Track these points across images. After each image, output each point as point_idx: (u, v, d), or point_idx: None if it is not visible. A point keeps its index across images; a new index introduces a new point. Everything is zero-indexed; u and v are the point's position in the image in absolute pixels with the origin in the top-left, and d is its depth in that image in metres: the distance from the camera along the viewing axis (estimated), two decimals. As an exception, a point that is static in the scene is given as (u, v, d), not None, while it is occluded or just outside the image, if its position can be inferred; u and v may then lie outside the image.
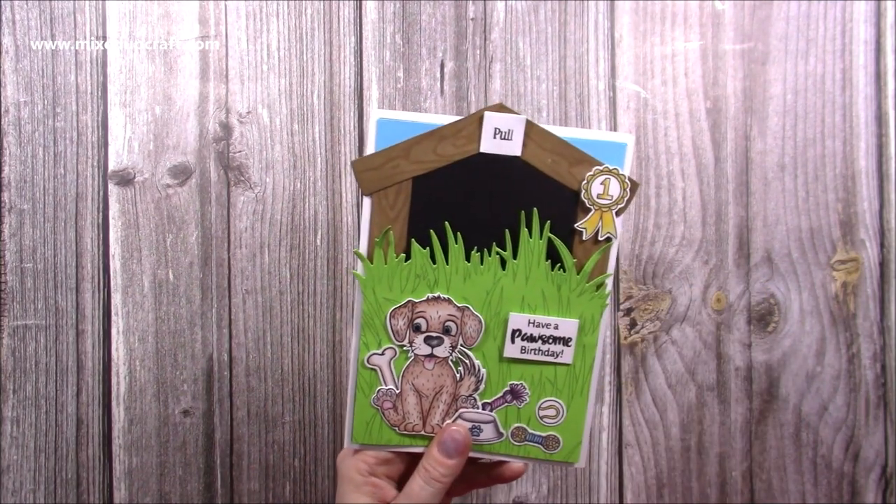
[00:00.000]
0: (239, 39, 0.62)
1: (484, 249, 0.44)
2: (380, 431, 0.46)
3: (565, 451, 0.47)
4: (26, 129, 0.62)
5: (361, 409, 0.46)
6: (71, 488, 0.61)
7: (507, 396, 0.46)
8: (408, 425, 0.46)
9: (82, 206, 0.62)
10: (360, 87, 0.62)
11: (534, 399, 0.46)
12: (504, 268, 0.44)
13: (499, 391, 0.46)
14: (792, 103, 0.63)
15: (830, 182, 0.63)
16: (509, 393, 0.46)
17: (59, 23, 0.62)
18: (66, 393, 0.61)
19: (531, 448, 0.47)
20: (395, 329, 0.45)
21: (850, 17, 0.63)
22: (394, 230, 0.44)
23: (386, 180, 0.43)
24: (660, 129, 0.63)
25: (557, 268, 0.44)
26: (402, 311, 0.45)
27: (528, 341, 0.45)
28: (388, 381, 0.46)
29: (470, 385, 0.46)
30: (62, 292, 0.61)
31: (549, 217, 0.43)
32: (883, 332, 0.62)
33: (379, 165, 0.43)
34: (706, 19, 0.63)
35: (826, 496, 0.62)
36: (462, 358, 0.46)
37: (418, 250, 0.44)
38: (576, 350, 0.46)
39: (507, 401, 0.46)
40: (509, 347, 0.45)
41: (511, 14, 0.62)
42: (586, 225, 0.44)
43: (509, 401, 0.46)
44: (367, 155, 0.43)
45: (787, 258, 0.63)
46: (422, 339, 0.45)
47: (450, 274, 0.45)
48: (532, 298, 0.45)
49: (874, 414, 0.62)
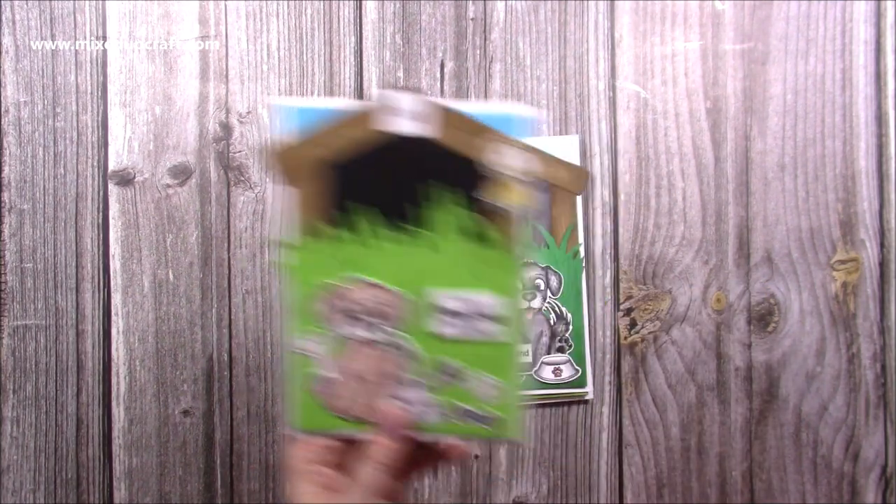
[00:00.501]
0: (239, 39, 0.62)
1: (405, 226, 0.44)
2: (322, 417, 0.46)
3: (504, 426, 0.46)
4: (26, 129, 0.62)
5: (302, 396, 0.46)
6: (71, 488, 0.61)
7: (443, 376, 0.46)
8: (349, 410, 0.46)
9: (82, 206, 0.62)
10: (360, 88, 0.62)
11: (471, 377, 0.46)
12: (430, 249, 0.44)
13: (434, 371, 0.46)
14: (792, 103, 0.63)
15: (830, 182, 0.63)
16: (445, 372, 0.46)
17: (59, 23, 0.62)
18: (66, 393, 0.61)
19: (472, 426, 0.46)
20: (327, 314, 0.45)
21: (850, 17, 0.63)
22: (317, 214, 0.44)
23: (306, 169, 0.43)
24: (660, 129, 0.63)
25: (480, 243, 0.44)
26: (332, 296, 0.45)
27: (457, 317, 0.45)
28: (323, 367, 0.46)
29: (405, 366, 0.46)
30: (62, 292, 0.61)
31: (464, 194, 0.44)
32: (883, 332, 0.62)
33: (297, 155, 0.43)
34: (706, 19, 0.63)
35: (826, 496, 0.62)
36: (397, 340, 0.46)
37: (346, 236, 0.44)
38: (505, 324, 0.45)
39: (444, 380, 0.46)
40: (440, 326, 0.45)
41: (511, 14, 0.62)
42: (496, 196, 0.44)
43: (446, 380, 0.46)
44: (285, 146, 0.43)
45: (787, 258, 0.63)
46: (356, 324, 0.45)
47: (379, 258, 0.45)
48: (460, 276, 0.45)
49: (874, 414, 0.62)
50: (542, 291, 0.60)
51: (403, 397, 0.46)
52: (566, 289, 0.60)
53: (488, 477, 0.62)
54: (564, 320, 0.60)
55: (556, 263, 0.60)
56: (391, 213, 0.44)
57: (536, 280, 0.59)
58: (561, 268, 0.60)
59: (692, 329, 0.62)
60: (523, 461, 0.62)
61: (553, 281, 0.60)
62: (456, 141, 0.43)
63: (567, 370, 0.60)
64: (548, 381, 0.60)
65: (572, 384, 0.60)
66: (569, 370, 0.60)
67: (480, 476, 0.62)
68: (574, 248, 0.60)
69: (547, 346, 0.60)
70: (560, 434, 0.63)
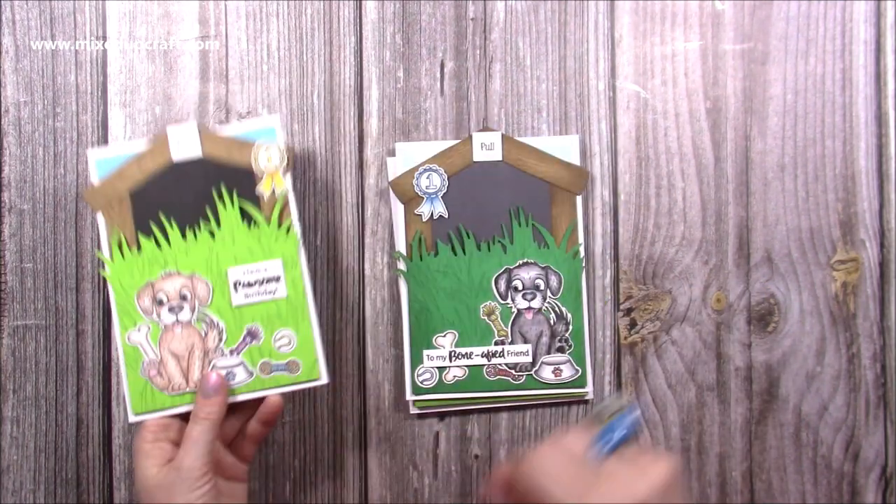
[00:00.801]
0: (239, 39, 0.62)
1: (195, 227, 0.56)
2: (153, 398, 0.55)
3: (306, 371, 0.56)
4: (26, 129, 0.62)
5: (133, 382, 0.56)
6: (71, 488, 0.61)
7: (247, 339, 0.56)
8: (173, 386, 0.55)
9: (82, 206, 0.62)
10: (360, 87, 0.62)
11: (268, 334, 0.56)
12: (213, 237, 0.56)
13: (239, 336, 0.56)
14: (792, 103, 0.63)
15: (830, 182, 0.63)
16: (248, 335, 0.56)
17: (59, 23, 0.62)
18: (66, 393, 0.61)
19: (279, 377, 0.56)
20: (143, 308, 0.56)
21: (850, 17, 0.63)
22: (124, 232, 0.56)
23: (110, 198, 0.56)
24: (660, 129, 0.63)
25: (253, 224, 0.56)
26: (145, 292, 0.56)
27: (248, 287, 0.56)
28: (148, 353, 0.56)
29: (214, 338, 0.56)
30: (62, 292, 0.61)
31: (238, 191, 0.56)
32: (883, 332, 0.62)
33: (101, 190, 0.56)
34: (706, 19, 0.63)
35: (826, 496, 0.62)
36: (202, 317, 0.56)
37: (144, 241, 0.56)
38: (287, 284, 0.56)
39: (248, 342, 0.56)
40: (235, 297, 0.56)
41: (511, 14, 0.62)
42: (264, 188, 0.56)
43: (249, 342, 0.56)
44: (93, 186, 0.56)
45: (787, 258, 0.63)
46: (165, 309, 0.55)
47: (183, 255, 0.56)
48: (241, 254, 0.56)
49: (874, 414, 0.62)
50: (542, 291, 0.59)
51: (217, 364, 0.56)
52: (566, 289, 0.60)
53: (488, 477, 0.62)
54: (564, 320, 0.60)
55: (556, 263, 0.60)
56: (182, 215, 0.56)
57: (536, 280, 0.59)
58: (561, 268, 0.60)
59: (692, 329, 0.62)
60: (523, 461, 0.62)
61: (553, 281, 0.60)
62: (220, 155, 0.56)
63: (567, 370, 0.60)
64: (548, 382, 0.59)
65: (572, 384, 0.60)
66: (569, 370, 0.60)
67: (480, 476, 0.62)
68: (574, 247, 0.60)
69: (547, 346, 0.60)
70: (560, 434, 0.63)
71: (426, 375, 0.59)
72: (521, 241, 0.59)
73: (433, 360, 0.59)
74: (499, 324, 0.59)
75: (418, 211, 0.59)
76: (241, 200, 0.56)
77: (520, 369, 0.59)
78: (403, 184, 0.60)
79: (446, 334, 0.59)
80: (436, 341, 0.59)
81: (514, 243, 0.59)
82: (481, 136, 0.60)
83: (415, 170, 0.59)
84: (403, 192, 0.60)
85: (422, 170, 0.59)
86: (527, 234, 0.59)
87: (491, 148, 0.59)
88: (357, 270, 0.62)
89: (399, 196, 0.60)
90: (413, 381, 0.59)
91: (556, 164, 0.60)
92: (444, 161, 0.60)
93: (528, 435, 0.62)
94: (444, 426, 0.62)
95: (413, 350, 0.59)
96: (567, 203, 0.60)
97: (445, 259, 0.59)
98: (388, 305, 0.62)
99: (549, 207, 0.60)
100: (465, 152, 0.60)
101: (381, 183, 0.62)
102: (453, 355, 0.59)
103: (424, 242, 0.59)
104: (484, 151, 0.59)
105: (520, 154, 0.60)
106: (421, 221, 0.59)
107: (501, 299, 0.59)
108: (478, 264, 0.59)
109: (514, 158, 0.60)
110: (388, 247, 0.62)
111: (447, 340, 0.59)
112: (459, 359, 0.59)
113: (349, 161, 0.62)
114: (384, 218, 0.62)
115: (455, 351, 0.59)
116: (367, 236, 0.62)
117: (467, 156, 0.60)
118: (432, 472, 0.62)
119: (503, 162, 0.60)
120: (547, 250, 0.60)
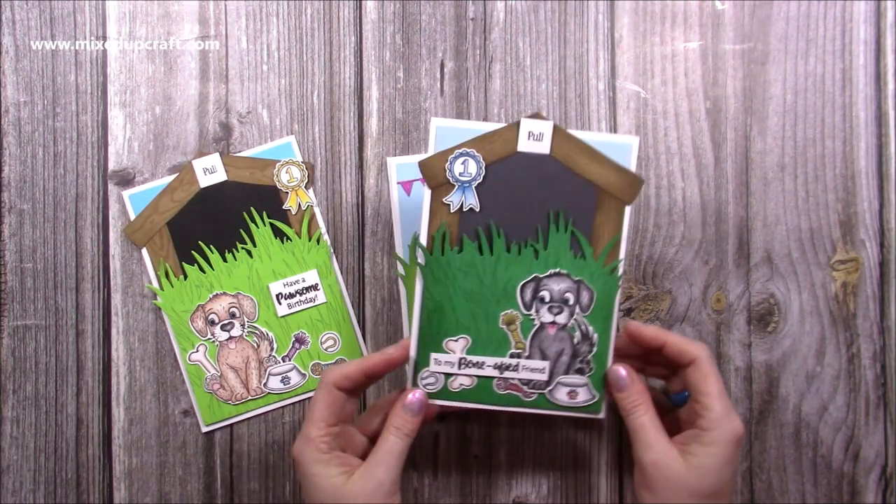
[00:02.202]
0: (239, 39, 0.62)
1: (233, 249, 0.61)
2: (220, 409, 0.61)
3: None
4: (26, 129, 0.62)
5: (200, 397, 0.61)
6: (71, 488, 0.61)
7: (296, 345, 0.61)
8: (235, 397, 0.61)
9: (82, 206, 0.62)
10: (360, 87, 0.62)
11: (314, 338, 0.61)
12: (251, 255, 0.61)
13: (288, 344, 0.61)
14: (792, 103, 0.63)
15: (830, 182, 0.63)
16: (296, 341, 0.61)
17: (59, 23, 0.62)
18: (66, 393, 0.61)
19: None
20: (198, 329, 0.61)
21: (850, 17, 0.63)
22: (168, 262, 0.61)
23: (150, 232, 0.61)
24: (660, 129, 0.63)
25: (285, 239, 0.61)
26: (197, 314, 0.61)
27: (290, 298, 0.61)
28: (209, 369, 0.61)
29: (266, 348, 0.61)
30: (62, 292, 0.61)
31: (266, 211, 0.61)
32: (883, 332, 0.62)
33: (140, 225, 0.61)
34: (706, 19, 0.63)
35: (826, 496, 0.62)
36: (252, 331, 0.61)
37: (188, 268, 0.61)
38: (324, 290, 0.61)
39: (297, 348, 0.61)
40: (279, 308, 0.61)
41: (511, 14, 0.62)
42: (290, 204, 0.61)
43: (299, 348, 0.61)
44: (131, 223, 0.61)
45: (787, 258, 0.63)
46: (218, 328, 0.61)
47: (218, 275, 0.61)
48: (279, 268, 0.61)
49: (874, 414, 0.62)
50: (571, 307, 0.53)
51: (272, 371, 0.61)
52: (597, 307, 0.53)
53: (488, 477, 0.62)
54: (589, 341, 0.53)
55: (590, 278, 0.53)
56: (220, 241, 0.61)
57: (566, 293, 0.53)
58: (595, 283, 0.53)
59: (692, 329, 0.62)
60: (523, 461, 0.62)
61: (584, 297, 0.53)
62: (245, 177, 0.61)
63: (583, 394, 0.54)
64: (561, 403, 0.53)
65: (586, 409, 0.54)
66: (585, 394, 0.54)
67: (480, 476, 0.62)
68: (613, 263, 0.53)
69: (566, 366, 0.53)
70: (560, 434, 0.63)
71: (430, 380, 0.53)
72: (557, 247, 0.53)
73: (441, 364, 0.53)
74: (518, 335, 0.53)
75: (447, 199, 0.52)
76: (271, 219, 0.61)
77: (532, 386, 0.53)
78: (434, 166, 0.52)
79: (458, 339, 0.53)
80: (446, 345, 0.53)
81: (547, 249, 0.53)
82: (530, 124, 0.52)
83: (449, 152, 0.52)
84: (433, 176, 0.52)
85: (458, 153, 0.52)
86: (564, 240, 0.53)
87: (539, 139, 0.52)
88: (357, 270, 0.62)
89: (428, 179, 0.52)
90: (415, 384, 0.53)
91: (609, 166, 0.53)
92: (483, 147, 0.52)
93: (528, 435, 0.62)
94: (444, 426, 0.62)
95: (420, 351, 0.53)
96: (614, 212, 0.53)
97: (469, 257, 0.53)
98: (388, 305, 0.62)
99: (593, 214, 0.53)
100: (508, 139, 0.52)
101: (381, 183, 0.62)
102: (463, 362, 0.53)
103: (449, 235, 0.52)
104: (531, 142, 0.52)
105: (570, 150, 0.52)
106: (448, 212, 0.52)
107: (525, 309, 0.53)
108: (504, 268, 0.52)
109: (563, 154, 0.52)
110: (387, 247, 0.62)
111: (458, 346, 0.53)
112: (469, 367, 0.53)
113: (349, 161, 0.62)
114: (384, 218, 0.62)
115: (465, 358, 0.53)
116: (367, 236, 0.62)
117: (511, 144, 0.52)
118: (432, 472, 0.62)
119: (550, 156, 0.52)
120: (583, 262, 0.53)
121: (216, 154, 0.61)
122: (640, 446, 0.49)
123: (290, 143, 0.61)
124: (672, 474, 0.47)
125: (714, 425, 0.48)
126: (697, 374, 0.50)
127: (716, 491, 0.47)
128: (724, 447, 0.48)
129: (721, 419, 0.48)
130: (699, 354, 0.50)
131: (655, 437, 0.49)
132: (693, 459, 0.48)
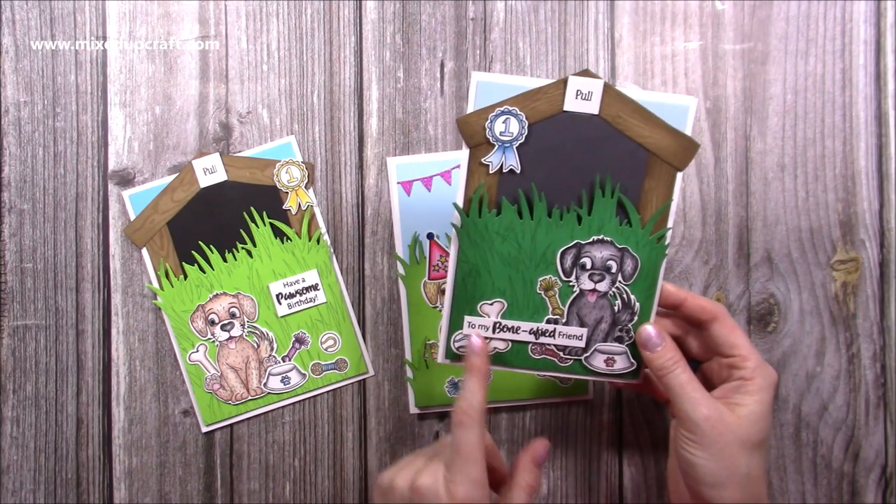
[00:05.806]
0: (239, 39, 0.62)
1: (233, 249, 0.61)
2: (220, 409, 0.61)
3: (353, 367, 0.62)
4: (26, 129, 0.62)
5: (200, 397, 0.61)
6: (71, 488, 0.61)
7: (296, 345, 0.61)
8: (235, 396, 0.61)
9: (82, 206, 0.62)
10: (360, 87, 0.62)
11: (314, 338, 0.62)
12: (251, 255, 0.61)
13: (288, 344, 0.61)
14: (792, 103, 0.63)
15: (830, 182, 0.63)
16: (296, 341, 0.61)
17: (59, 23, 0.62)
18: (66, 393, 0.61)
19: (329, 375, 0.62)
20: (198, 329, 0.61)
21: (850, 17, 0.63)
22: (168, 262, 0.61)
23: (150, 232, 0.61)
24: (660, 129, 0.63)
25: (285, 239, 0.61)
26: (197, 314, 0.61)
27: (290, 298, 0.61)
28: (209, 369, 0.61)
29: (266, 348, 0.61)
30: (62, 292, 0.61)
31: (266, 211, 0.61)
32: (883, 332, 0.62)
33: (141, 225, 0.61)
34: (706, 19, 0.63)
35: (826, 496, 0.62)
36: (252, 331, 0.61)
37: (188, 268, 0.61)
38: (324, 290, 0.61)
39: (297, 348, 0.61)
40: (279, 308, 0.61)
41: (511, 14, 0.62)
42: (290, 204, 0.61)
43: (299, 348, 0.61)
44: (131, 223, 0.61)
45: (786, 258, 0.63)
46: (218, 328, 0.61)
47: (218, 275, 0.61)
48: (279, 268, 0.61)
49: (874, 414, 0.62)
50: (613, 275, 0.51)
51: (272, 371, 0.61)
52: (641, 276, 0.51)
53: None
54: (631, 309, 0.51)
55: (635, 246, 0.51)
56: (220, 241, 0.61)
57: (609, 261, 0.51)
58: (640, 252, 0.51)
59: (692, 329, 0.62)
60: (523, 461, 0.62)
61: (628, 265, 0.51)
62: (245, 177, 0.61)
63: (621, 362, 0.52)
64: (597, 370, 0.52)
65: (623, 376, 0.53)
66: (623, 362, 0.52)
67: (480, 476, 0.62)
68: (661, 231, 0.51)
69: (605, 334, 0.52)
70: (560, 434, 0.63)
71: (464, 342, 0.51)
72: (601, 213, 0.50)
73: (474, 327, 0.51)
74: (556, 301, 0.52)
75: (486, 160, 0.50)
76: (271, 219, 0.61)
77: (569, 352, 0.52)
78: (474, 123, 0.49)
79: (494, 303, 0.51)
80: (481, 308, 0.51)
81: (591, 215, 0.50)
82: (579, 82, 0.49)
83: (490, 109, 0.49)
84: (472, 135, 0.50)
85: (499, 111, 0.49)
86: (609, 206, 0.50)
87: (588, 98, 0.49)
88: (357, 270, 0.62)
89: (466, 138, 0.50)
90: (448, 346, 0.52)
91: (662, 129, 0.50)
92: (526, 105, 0.49)
93: (528, 435, 0.62)
94: (444, 426, 0.62)
95: (454, 314, 0.51)
96: (665, 178, 0.50)
97: (508, 221, 0.50)
98: (388, 305, 0.62)
99: (642, 180, 0.50)
100: (554, 98, 0.49)
101: (381, 183, 0.62)
102: (497, 326, 0.52)
103: (487, 197, 0.50)
104: (579, 101, 0.49)
105: (621, 110, 0.49)
106: (487, 173, 0.50)
107: (564, 276, 0.51)
108: (545, 233, 0.50)
109: (613, 114, 0.49)
110: (387, 247, 0.62)
111: (493, 310, 0.52)
112: (504, 332, 0.52)
113: (349, 161, 0.62)
114: (384, 218, 0.62)
115: (500, 322, 0.51)
116: (367, 236, 0.62)
117: (556, 103, 0.49)
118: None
119: (598, 117, 0.49)
120: (629, 229, 0.50)
121: (216, 154, 0.61)
122: (687, 403, 0.48)
123: (290, 143, 0.61)
124: (726, 427, 0.47)
125: (755, 374, 0.48)
126: (724, 329, 0.50)
127: (763, 438, 0.48)
128: (768, 393, 0.49)
129: (760, 366, 0.49)
130: (721, 309, 0.51)
131: (702, 393, 0.48)
132: (741, 410, 0.47)
